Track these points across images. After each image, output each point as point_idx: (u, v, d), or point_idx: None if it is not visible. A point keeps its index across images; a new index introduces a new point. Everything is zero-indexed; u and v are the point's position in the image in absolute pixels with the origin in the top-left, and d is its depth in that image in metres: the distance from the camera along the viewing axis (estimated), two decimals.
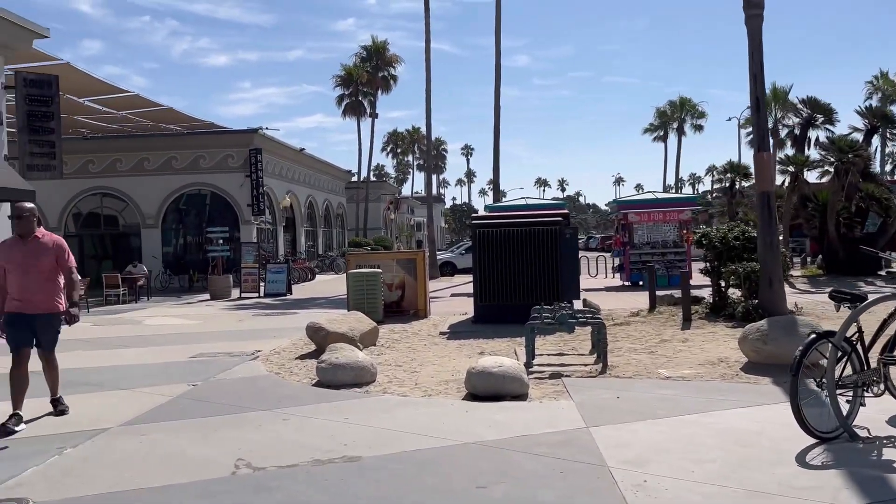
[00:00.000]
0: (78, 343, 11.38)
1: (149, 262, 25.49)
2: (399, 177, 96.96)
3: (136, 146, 26.38)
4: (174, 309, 17.87)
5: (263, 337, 11.65)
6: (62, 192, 26.63)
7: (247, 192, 26.36)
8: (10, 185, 12.10)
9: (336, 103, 47.39)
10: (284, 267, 21.63)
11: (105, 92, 18.81)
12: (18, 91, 13.34)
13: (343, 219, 43.65)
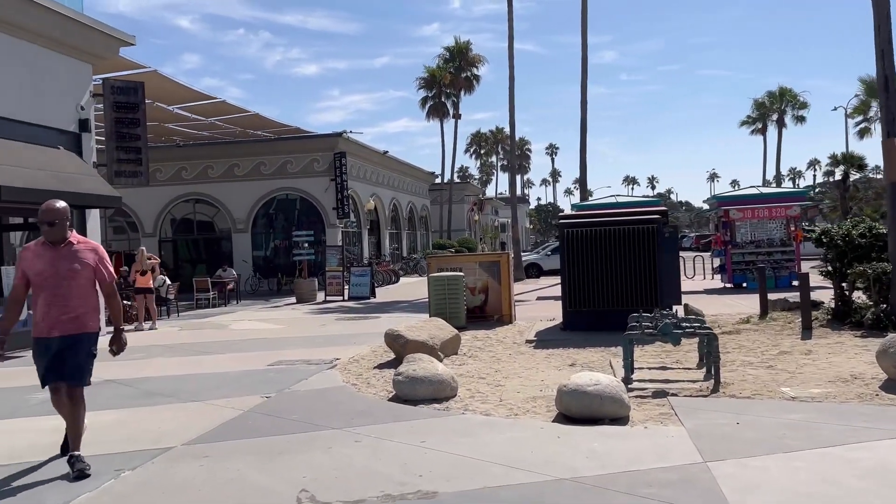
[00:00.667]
0: (161, 349, 11.37)
1: (239, 266, 25.95)
2: (483, 178, 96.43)
3: (227, 153, 26.94)
4: (260, 313, 17.90)
5: (344, 343, 11.27)
6: (158, 198, 27.55)
7: (332, 196, 26.43)
8: (97, 191, 12.25)
9: (419, 105, 47.34)
10: (368, 270, 21.42)
11: (193, 99, 19.12)
12: (106, 99, 13.56)
13: (427, 221, 43.47)
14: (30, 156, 11.29)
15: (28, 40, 11.71)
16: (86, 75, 13.24)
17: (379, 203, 32.22)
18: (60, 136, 12.58)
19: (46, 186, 10.96)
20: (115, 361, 10.39)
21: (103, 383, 8.40)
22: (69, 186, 11.53)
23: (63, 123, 12.61)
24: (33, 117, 11.84)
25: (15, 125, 11.42)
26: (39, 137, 11.96)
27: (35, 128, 11.89)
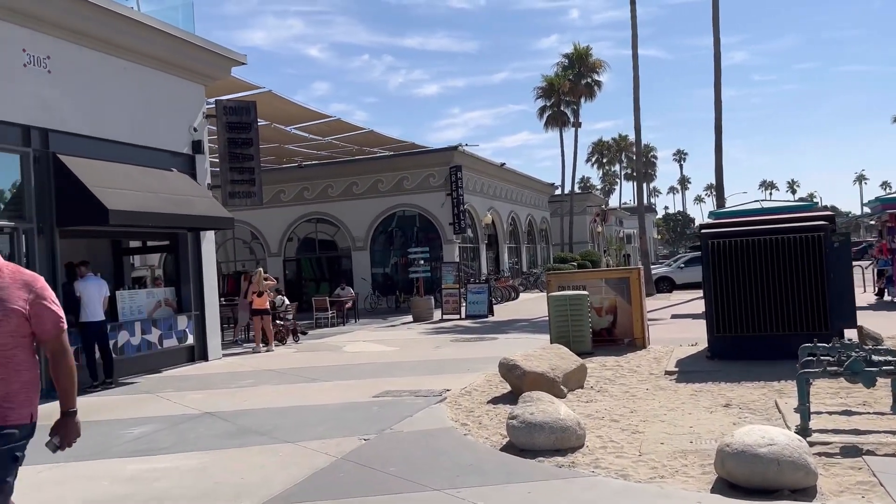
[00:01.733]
0: (270, 375, 10.91)
1: (358, 284, 25.84)
2: (605, 188, 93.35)
3: (345, 171, 27.02)
4: (376, 333, 17.38)
5: (456, 369, 10.33)
6: (283, 218, 28.09)
7: (448, 211, 25.80)
8: (210, 213, 12.10)
9: (537, 116, 46.09)
10: (485, 287, 20.47)
11: (308, 118, 19.05)
12: (219, 120, 13.50)
13: (547, 234, 42.05)
14: (143, 179, 11.27)
15: (140, 63, 11.76)
16: (198, 96, 13.23)
17: (496, 217, 31.30)
18: (174, 159, 12.57)
19: (157, 209, 10.86)
20: (221, 389, 10.10)
21: (202, 416, 7.92)
22: (181, 209, 11.41)
23: (176, 146, 12.61)
24: (147, 140, 11.86)
25: (128, 149, 11.46)
26: (153, 160, 11.97)
27: (149, 151, 11.91)
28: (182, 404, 8.78)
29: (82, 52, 10.64)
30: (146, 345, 11.66)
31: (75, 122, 10.46)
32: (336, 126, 20.10)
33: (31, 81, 9.76)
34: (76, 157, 10.33)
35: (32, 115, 9.76)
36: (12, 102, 9.47)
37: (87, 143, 10.66)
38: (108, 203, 9.87)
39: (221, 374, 11.44)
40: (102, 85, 11.04)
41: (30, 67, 9.76)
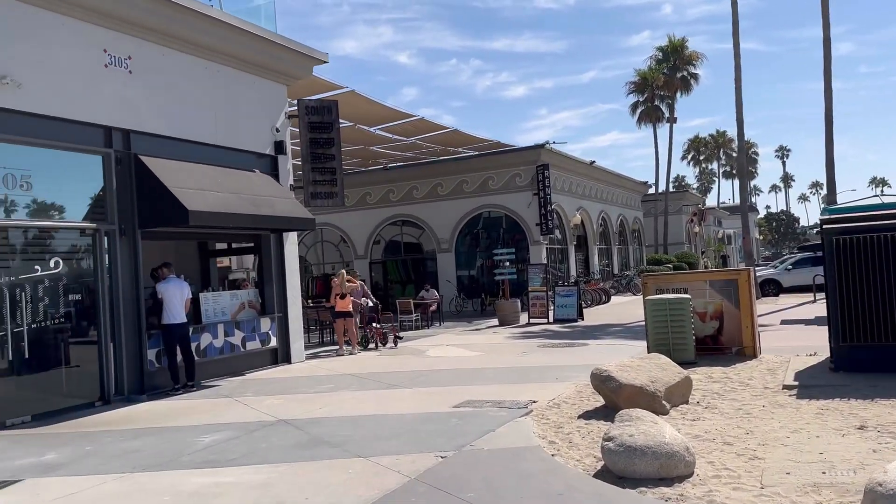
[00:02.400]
0: (350, 380, 10.53)
1: (443, 287, 25.42)
2: (702, 186, 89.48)
3: (429, 172, 26.69)
4: (460, 337, 16.83)
5: (543, 378, 9.61)
6: (368, 221, 28.08)
7: (535, 211, 24.98)
8: (291, 214, 11.89)
9: (630, 111, 44.39)
10: (574, 290, 19.54)
11: (392, 118, 18.76)
12: (301, 120, 13.32)
13: (640, 234, 40.34)
14: (224, 180, 11.17)
15: (222, 63, 11.69)
16: (280, 97, 13.10)
17: (586, 217, 30.17)
18: (257, 160, 12.46)
19: (238, 210, 10.70)
20: (300, 394, 9.78)
21: (276, 424, 7.58)
22: (263, 210, 11.23)
23: (259, 147, 12.50)
24: (228, 141, 11.78)
25: (210, 150, 11.39)
26: (235, 161, 11.88)
27: (230, 152, 11.83)
28: (259, 410, 8.50)
29: (163, 53, 10.62)
30: (229, 347, 11.55)
31: (156, 122, 10.44)
32: (420, 126, 19.73)
33: (112, 82, 9.78)
34: (157, 157, 10.30)
35: (114, 116, 9.77)
36: (94, 103, 9.50)
37: (169, 143, 10.63)
38: (189, 204, 9.76)
39: (302, 377, 11.18)
40: (183, 85, 11.01)
41: (111, 68, 9.78)
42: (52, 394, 8.87)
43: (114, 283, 9.65)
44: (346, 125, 18.49)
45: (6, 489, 5.63)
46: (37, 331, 8.67)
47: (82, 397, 9.23)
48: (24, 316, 8.48)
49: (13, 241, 8.61)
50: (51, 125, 8.91)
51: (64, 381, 9.11)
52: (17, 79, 8.43)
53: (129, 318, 9.83)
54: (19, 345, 8.40)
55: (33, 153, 8.73)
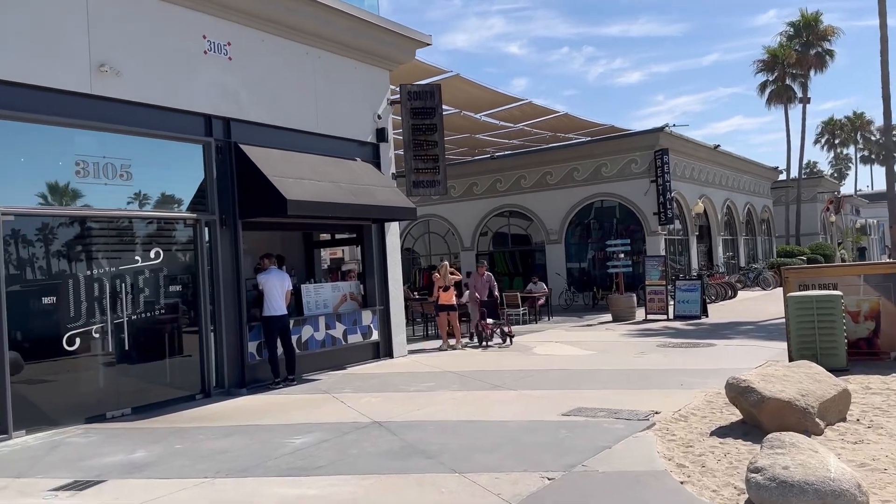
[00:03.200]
0: (452, 378, 9.91)
1: (552, 279, 24.42)
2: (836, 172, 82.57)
3: (538, 160, 25.71)
4: (570, 333, 15.87)
5: (664, 384, 8.58)
6: (475, 212, 27.50)
7: (652, 200, 23.44)
8: (391, 203, 11.41)
9: (758, 92, 41.24)
10: (697, 284, 18.03)
11: (499, 103, 17.97)
12: (403, 106, 12.82)
13: (769, 224, 37.41)
14: (324, 169, 10.82)
15: (322, 48, 11.35)
16: (382, 82, 12.64)
17: (709, 205, 28.12)
18: (358, 148, 12.07)
19: (338, 199, 10.31)
20: (398, 392, 9.26)
21: (370, 426, 7.05)
22: (362, 199, 10.80)
23: (360, 134, 12.10)
24: (329, 129, 11.44)
25: (310, 138, 11.09)
26: (335, 150, 11.53)
27: (331, 140, 11.49)
28: (355, 409, 8.03)
29: (263, 38, 10.37)
30: (330, 340, 11.24)
31: (256, 110, 10.21)
32: (528, 111, 18.81)
33: (212, 69, 9.60)
34: (257, 146, 10.07)
35: (214, 104, 9.60)
36: (194, 91, 9.35)
37: (268, 132, 10.39)
38: (288, 193, 9.45)
39: (402, 374, 10.68)
40: (283, 72, 10.73)
41: (211, 55, 9.60)
42: (152, 386, 8.80)
43: (214, 274, 9.50)
44: (450, 112, 17.91)
45: (88, 490, 5.39)
46: (137, 322, 8.62)
47: (183, 390, 9.13)
48: (125, 307, 8.43)
49: (113, 231, 8.57)
50: (150, 114, 8.81)
51: (165, 374, 9.04)
52: (116, 66, 8.35)
53: (229, 310, 9.66)
54: (120, 336, 8.36)
55: (133, 142, 8.65)
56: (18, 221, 7.54)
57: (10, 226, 7.45)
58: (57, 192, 7.91)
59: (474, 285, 14.40)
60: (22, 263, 7.65)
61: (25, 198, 7.62)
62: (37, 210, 7.71)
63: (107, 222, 8.49)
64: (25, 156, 7.70)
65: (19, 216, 7.52)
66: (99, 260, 8.26)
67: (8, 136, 7.49)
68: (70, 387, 7.95)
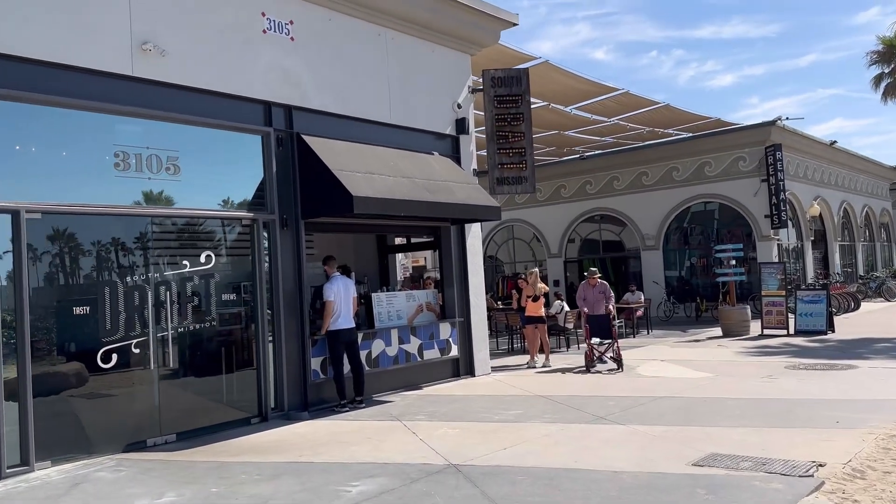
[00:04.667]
0: (542, 404, 8.42)
1: (649, 289, 22.44)
2: None
3: (633, 160, 23.78)
4: (676, 350, 14.02)
5: (815, 420, 6.83)
6: (563, 216, 25.86)
7: (763, 201, 21.11)
8: (472, 201, 10.05)
9: (871, 86, 36.74)
10: (822, 295, 15.75)
11: (592, 94, 16.34)
12: (486, 94, 11.45)
13: (888, 229, 33.84)
14: (396, 163, 9.60)
15: (396, 28, 10.16)
16: (462, 68, 11.34)
17: (825, 207, 25.36)
18: (435, 141, 10.82)
19: (410, 196, 9.05)
20: (480, 422, 7.83)
21: (444, 471, 5.69)
22: (439, 196, 9.50)
23: (437, 125, 10.83)
24: (403, 119, 10.23)
25: (381, 129, 9.91)
26: (410, 142, 10.31)
27: (405, 131, 10.27)
28: (428, 444, 6.68)
29: (330, 17, 9.25)
30: (404, 356, 9.98)
31: (321, 98, 9.08)
32: (625, 102, 17.06)
33: (271, 51, 8.54)
34: (321, 137, 8.94)
35: (274, 90, 8.53)
36: (251, 75, 8.30)
37: (335, 122, 9.25)
38: (354, 189, 8.25)
39: (485, 397, 9.28)
40: (352, 55, 9.58)
41: (270, 34, 8.53)
42: (201, 409, 7.75)
43: (273, 281, 8.40)
44: (538, 105, 16.43)
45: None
46: (185, 335, 7.60)
47: (236, 413, 8.04)
48: (170, 318, 7.40)
49: (157, 232, 7.57)
50: (201, 100, 7.80)
51: (216, 395, 7.98)
52: (160, 45, 7.37)
53: (290, 322, 8.54)
54: (164, 352, 7.34)
55: (181, 132, 7.66)
56: (47, 220, 6.61)
57: (37, 225, 6.53)
58: (92, 186, 6.95)
59: (584, 297, 12.25)
60: (51, 268, 6.72)
61: (55, 193, 6.68)
62: (68, 207, 6.75)
63: (150, 222, 7.50)
64: (56, 146, 6.79)
65: (48, 213, 6.59)
66: (140, 265, 7.28)
67: (35, 123, 6.60)
68: (106, 410, 6.95)
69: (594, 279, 12.30)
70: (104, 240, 7.05)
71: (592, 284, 12.26)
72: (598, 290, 12.19)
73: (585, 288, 12.36)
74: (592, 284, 12.26)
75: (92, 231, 6.96)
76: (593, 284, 12.26)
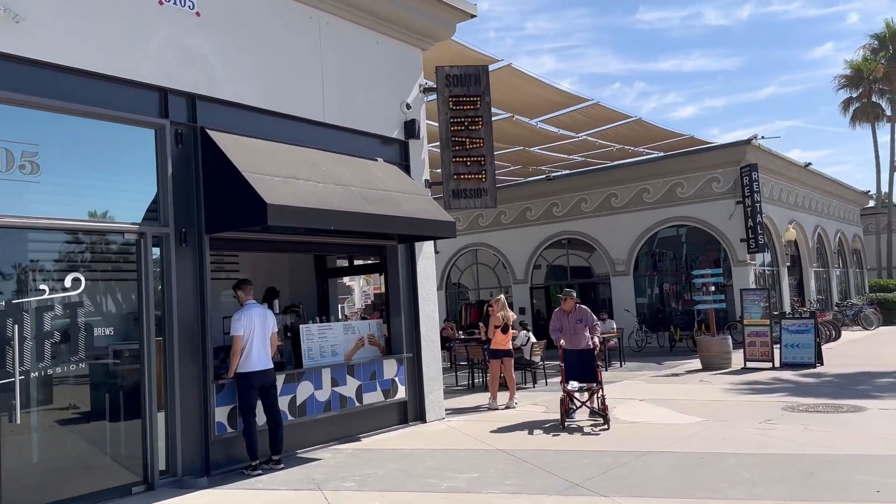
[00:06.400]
0: (505, 464, 6.73)
1: (620, 317, 21.06)
2: None
3: (602, 181, 22.56)
4: (654, 386, 12.55)
5: (846, 486, 5.37)
6: (529, 240, 24.47)
7: (738, 224, 19.98)
8: (422, 215, 8.48)
9: (840, 110, 37.34)
10: (810, 324, 14.46)
11: (560, 105, 15.00)
12: (440, 93, 9.97)
13: (861, 255, 33.22)
14: (330, 168, 8.02)
15: (332, 12, 8.67)
16: (413, 63, 9.88)
17: (800, 232, 24.41)
18: (380, 146, 9.28)
19: (343, 206, 7.44)
20: (421, 493, 6.00)
21: None
22: (379, 207, 7.91)
23: (383, 128, 9.30)
24: (341, 119, 8.69)
25: (314, 129, 8.36)
26: (349, 146, 8.76)
27: (343, 133, 8.73)
28: None
29: None
30: (338, 401, 8.28)
31: (235, 86, 7.48)
32: (594, 114, 15.76)
33: (169, 25, 6.93)
34: (235, 134, 7.32)
35: (172, 74, 6.90)
36: (141, 54, 6.68)
37: (253, 117, 7.65)
38: (269, 196, 6.62)
39: (435, 451, 7.62)
40: (277, 39, 8.02)
41: (168, 6, 6.93)
42: (64, 476, 5.95)
43: (166, 311, 6.68)
44: (501, 117, 15.04)
45: None
46: (45, 381, 5.84)
47: (113, 479, 6.26)
48: (18, 360, 5.64)
49: (5, 249, 5.82)
50: (73, 82, 6.15)
51: (85, 458, 6.19)
52: (13, 8, 5.71)
53: (187, 363, 6.82)
54: (11, 403, 5.56)
55: (42, 121, 5.99)
56: None
57: None
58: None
59: (559, 327, 9.42)
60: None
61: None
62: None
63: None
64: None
65: None
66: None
67: None
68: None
69: (570, 301, 9.50)
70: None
71: (568, 310, 9.47)
72: (575, 318, 9.38)
73: (560, 316, 9.52)
74: (568, 310, 9.47)
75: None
76: (569, 310, 9.46)
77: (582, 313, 9.42)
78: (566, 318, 9.42)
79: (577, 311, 9.45)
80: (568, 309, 9.46)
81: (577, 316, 9.39)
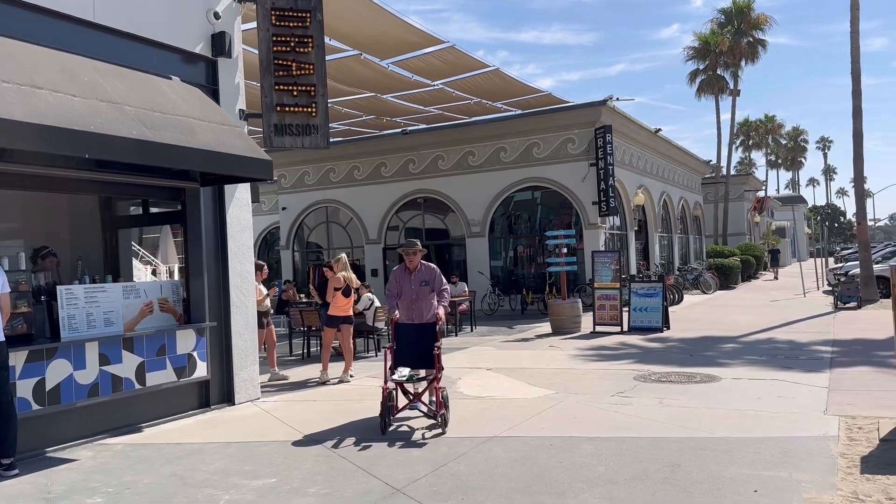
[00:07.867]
0: (314, 463, 5.26)
1: (474, 279, 20.26)
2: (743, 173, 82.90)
3: (459, 138, 21.46)
4: (504, 353, 11.65)
5: (718, 484, 4.43)
6: (383, 198, 23.02)
7: (591, 187, 19.65)
8: (227, 149, 6.73)
9: (688, 81, 38.72)
10: (658, 288, 14.19)
11: (414, 45, 13.54)
12: (260, 4, 8.13)
13: (700, 222, 34.82)
14: (97, 80, 6.09)
15: None
16: None
17: (647, 197, 24.74)
18: (181, 63, 7.41)
19: (106, 129, 5.57)
20: None
21: None
22: (162, 135, 6.09)
23: (181, 39, 7.41)
24: (119, 21, 6.72)
25: (81, 30, 6.36)
26: (132, 57, 6.83)
27: (124, 39, 6.80)
28: None
29: None
30: (110, 383, 6.49)
31: None
32: (451, 60, 14.45)
33: None
34: None
35: None
36: None
37: None
38: None
39: (230, 446, 6.08)
40: None
41: None
42: None
43: None
44: (347, 54, 13.40)
45: None
46: None
47: None
48: None
49: None
50: None
51: None
52: None
53: None
54: None
55: None
56: None
57: None
58: None
59: (398, 291, 7.32)
60: None
61: None
62: None
63: None
64: None
65: None
66: None
67: None
68: None
69: (414, 258, 7.35)
70: None
71: (413, 268, 7.38)
72: (420, 279, 7.32)
73: (400, 276, 7.38)
74: (413, 268, 7.38)
75: None
76: (413, 268, 7.37)
77: (430, 273, 7.35)
78: (408, 280, 7.30)
79: (423, 270, 7.37)
80: (413, 267, 7.34)
81: (423, 276, 7.33)
